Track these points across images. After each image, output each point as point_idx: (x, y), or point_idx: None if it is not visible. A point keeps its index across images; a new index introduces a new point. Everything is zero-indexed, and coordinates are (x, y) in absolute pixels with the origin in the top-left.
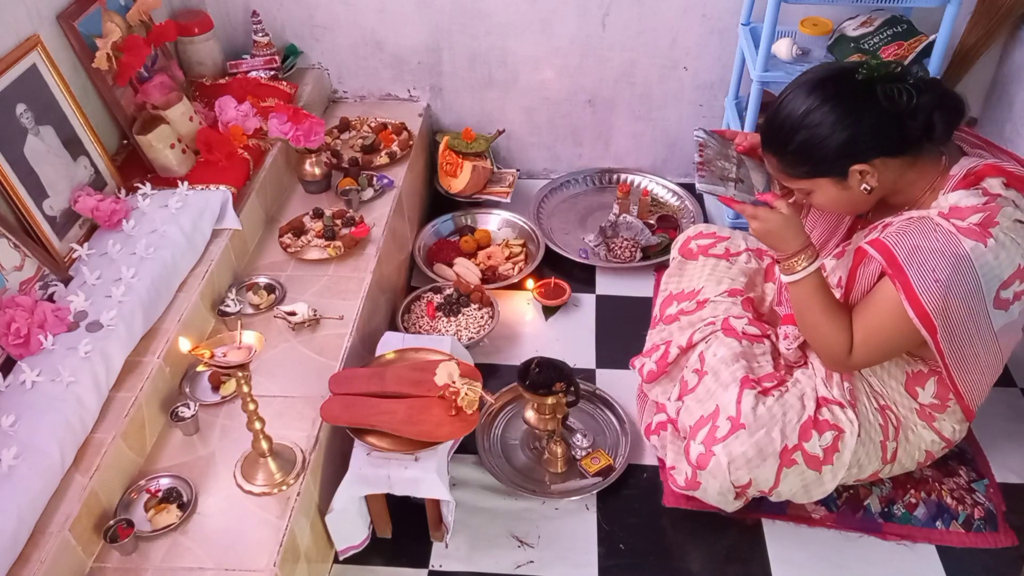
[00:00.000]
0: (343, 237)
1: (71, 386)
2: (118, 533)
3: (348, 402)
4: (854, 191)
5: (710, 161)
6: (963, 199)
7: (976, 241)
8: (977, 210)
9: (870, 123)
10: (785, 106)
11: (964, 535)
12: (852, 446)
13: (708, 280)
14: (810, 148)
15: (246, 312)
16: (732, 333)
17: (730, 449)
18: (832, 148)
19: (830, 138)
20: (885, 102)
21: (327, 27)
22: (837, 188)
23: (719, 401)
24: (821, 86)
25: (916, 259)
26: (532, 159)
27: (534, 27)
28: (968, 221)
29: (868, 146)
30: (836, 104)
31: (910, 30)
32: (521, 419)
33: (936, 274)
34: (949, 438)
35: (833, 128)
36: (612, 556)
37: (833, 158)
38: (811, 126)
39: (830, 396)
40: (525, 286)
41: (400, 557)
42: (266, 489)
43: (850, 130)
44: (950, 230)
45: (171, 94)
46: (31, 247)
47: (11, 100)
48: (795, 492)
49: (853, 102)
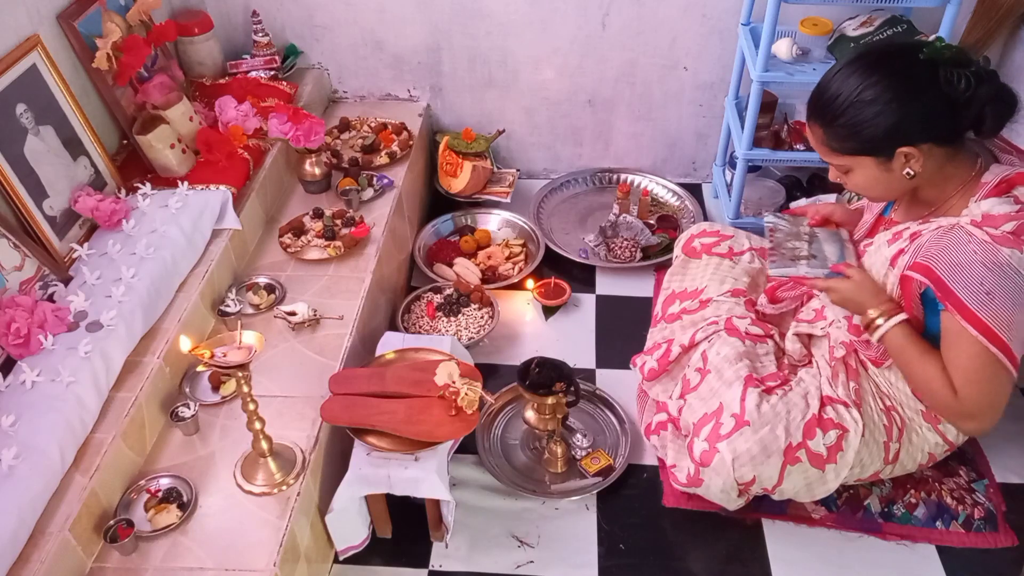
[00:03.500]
0: (343, 237)
1: (71, 386)
2: (118, 533)
3: (348, 402)
4: (895, 174)
5: (780, 244)
6: (995, 207)
7: (1012, 248)
8: (1010, 218)
9: (926, 106)
10: (840, 77)
11: (964, 535)
12: (856, 445)
13: (711, 279)
14: (861, 124)
15: (246, 312)
16: (735, 333)
17: (735, 446)
18: (883, 127)
19: (883, 116)
20: (945, 86)
21: (327, 27)
22: (879, 169)
23: (723, 399)
24: (882, 62)
25: (960, 276)
26: (532, 159)
27: (534, 27)
28: (1002, 229)
29: (920, 129)
30: (895, 82)
31: (910, 30)
32: (521, 419)
33: (986, 286)
34: (952, 441)
35: (888, 106)
36: (612, 556)
37: (883, 137)
38: (865, 102)
39: (835, 395)
40: (525, 286)
41: (400, 557)
42: (266, 489)
43: (905, 110)
44: (984, 239)
45: (171, 94)
46: (31, 247)
47: (11, 100)
48: (798, 490)
49: (912, 82)
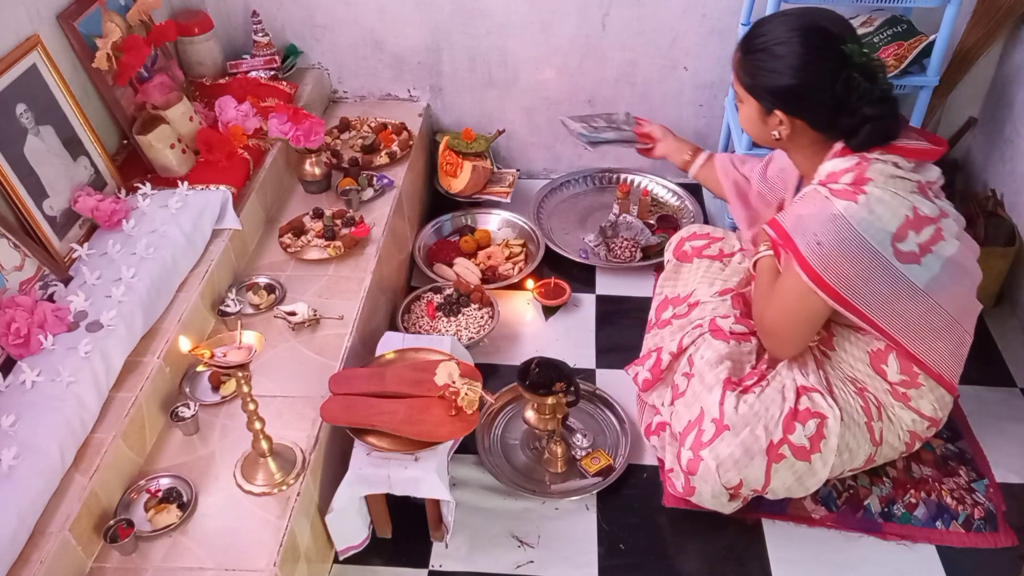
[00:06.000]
0: (343, 237)
1: (71, 386)
2: (118, 533)
3: (348, 402)
4: (767, 128)
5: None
6: (837, 164)
7: (848, 200)
8: (848, 171)
9: (814, 91)
10: (775, 20)
11: (964, 535)
12: (837, 431)
13: (701, 282)
14: (760, 70)
15: (246, 312)
16: (720, 334)
17: (717, 452)
18: (772, 85)
19: (777, 75)
20: (840, 85)
21: (327, 27)
22: (758, 115)
23: (703, 403)
24: (808, 29)
25: (799, 227)
26: (532, 159)
27: (534, 27)
28: (841, 182)
29: (799, 106)
30: (803, 53)
31: (910, 30)
32: (521, 419)
33: (818, 237)
34: (931, 416)
35: (787, 70)
36: (612, 556)
37: (769, 93)
38: (773, 54)
39: (808, 384)
40: (525, 286)
41: (400, 557)
42: (266, 489)
43: (795, 82)
44: (824, 195)
45: (171, 94)
46: (31, 247)
47: (11, 100)
48: (790, 486)
49: (815, 64)
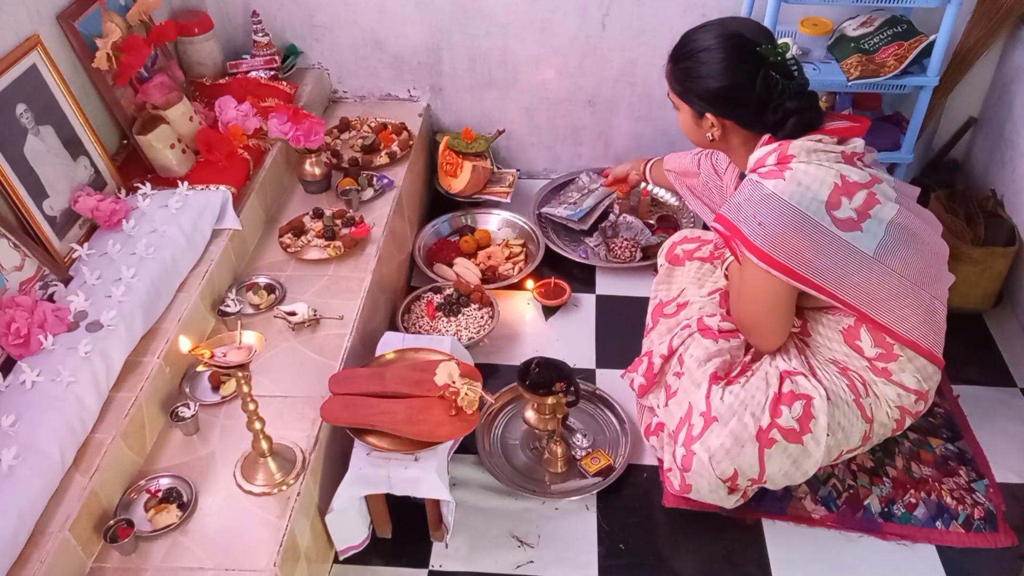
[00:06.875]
0: (343, 237)
1: (71, 386)
2: (118, 533)
3: (348, 402)
4: (702, 131)
5: None
6: (762, 151)
7: (776, 179)
8: (772, 152)
9: (739, 92)
10: (702, 31)
11: (964, 535)
12: (825, 409)
13: (691, 283)
14: (689, 78)
15: (246, 312)
16: (708, 333)
17: (707, 444)
18: (700, 90)
19: (704, 80)
20: (760, 83)
21: (327, 27)
22: (691, 119)
23: (692, 399)
24: (730, 37)
25: (741, 214)
26: (532, 159)
27: (534, 27)
28: (768, 165)
29: (726, 108)
30: (725, 59)
31: (910, 30)
32: (521, 419)
33: (758, 218)
34: (916, 388)
35: (712, 76)
36: (612, 556)
37: (698, 96)
38: (700, 61)
39: (790, 368)
40: (525, 286)
41: (400, 557)
42: (266, 489)
43: (721, 85)
44: (756, 180)
45: (171, 94)
46: (31, 247)
47: (11, 100)
48: (787, 471)
49: (735, 68)
